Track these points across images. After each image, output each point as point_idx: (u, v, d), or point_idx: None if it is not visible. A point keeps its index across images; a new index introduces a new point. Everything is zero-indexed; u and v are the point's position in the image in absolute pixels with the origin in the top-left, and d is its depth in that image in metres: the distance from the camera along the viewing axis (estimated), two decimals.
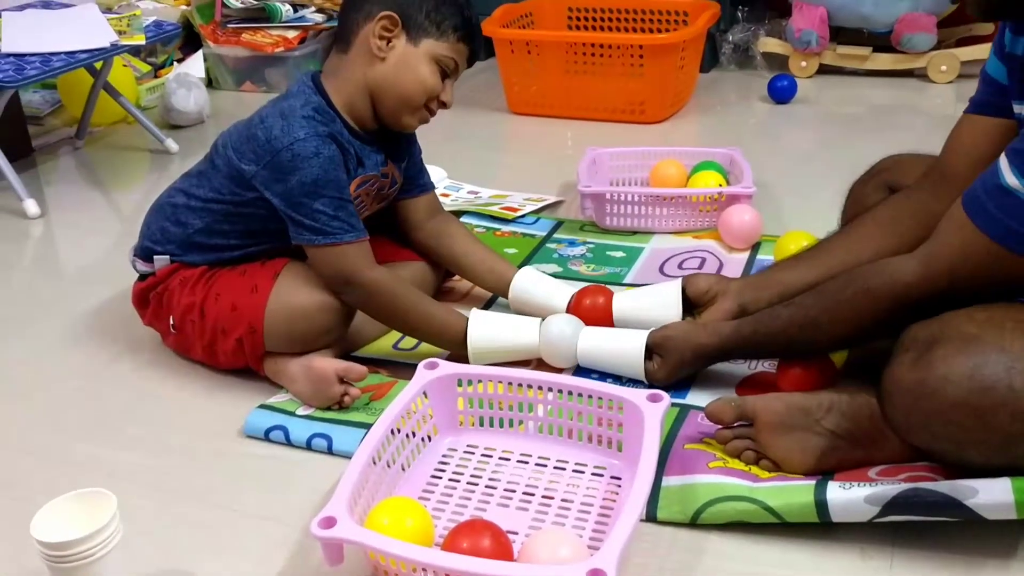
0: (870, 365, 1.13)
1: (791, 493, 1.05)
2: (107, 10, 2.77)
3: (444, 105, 1.38)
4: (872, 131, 2.36)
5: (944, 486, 0.99)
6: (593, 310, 1.41)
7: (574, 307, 1.43)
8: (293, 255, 1.36)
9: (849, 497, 1.01)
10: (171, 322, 1.40)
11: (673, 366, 1.27)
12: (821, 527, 1.03)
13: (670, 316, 1.37)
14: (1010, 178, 0.98)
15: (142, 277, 1.44)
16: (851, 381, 1.20)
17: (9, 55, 1.99)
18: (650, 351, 1.29)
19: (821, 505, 1.02)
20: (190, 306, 1.36)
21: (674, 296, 1.38)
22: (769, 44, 2.78)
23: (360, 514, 1.01)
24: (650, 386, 1.27)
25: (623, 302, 1.41)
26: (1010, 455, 0.96)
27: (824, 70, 2.75)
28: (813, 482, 1.06)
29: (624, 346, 1.30)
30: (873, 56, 2.70)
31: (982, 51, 2.61)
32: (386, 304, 1.33)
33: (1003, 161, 0.99)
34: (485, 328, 1.33)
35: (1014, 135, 1.14)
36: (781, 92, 2.50)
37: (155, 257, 1.40)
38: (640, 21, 2.69)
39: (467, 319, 1.33)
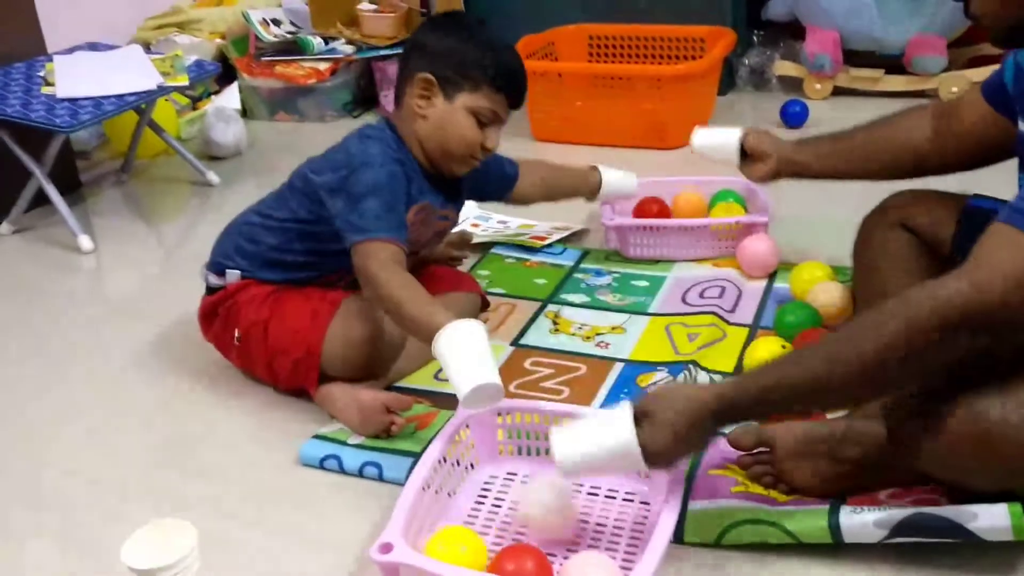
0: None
1: (807, 517, 1.14)
2: (146, 46, 2.91)
3: (488, 151, 1.48)
4: None
5: (947, 511, 1.08)
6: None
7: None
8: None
9: (860, 521, 1.10)
10: (236, 335, 1.51)
11: (663, 425, 1.05)
12: (836, 547, 1.12)
13: (729, 149, 1.69)
14: None
15: (210, 291, 1.55)
16: (864, 410, 1.28)
17: (64, 100, 2.11)
18: (638, 419, 1.08)
19: (834, 528, 1.11)
20: (255, 323, 1.47)
21: (734, 139, 1.68)
22: (784, 67, 2.87)
23: (413, 539, 1.11)
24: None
25: (700, 136, 1.76)
26: (1011, 484, 1.05)
27: (838, 92, 2.84)
28: (827, 506, 1.15)
29: (607, 430, 1.08)
30: (885, 78, 2.79)
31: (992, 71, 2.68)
32: (387, 302, 1.32)
33: None
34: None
35: (1003, 132, 1.31)
36: (794, 117, 2.59)
37: (227, 271, 1.52)
38: (659, 48, 2.79)
39: (440, 327, 1.24)
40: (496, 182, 1.71)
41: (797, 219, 2.04)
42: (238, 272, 1.51)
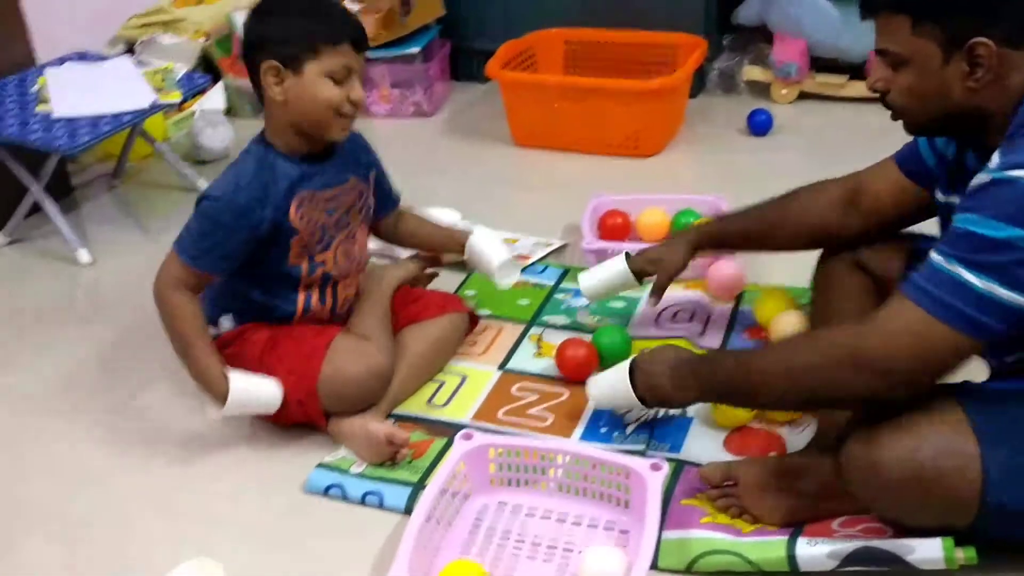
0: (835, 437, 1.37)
1: (767, 548, 1.29)
2: (130, 45, 2.95)
3: (355, 103, 1.53)
4: (852, 161, 2.51)
5: (890, 544, 1.23)
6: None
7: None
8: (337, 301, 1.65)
9: (815, 553, 1.25)
10: None
11: (650, 375, 1.39)
12: (793, 575, 1.27)
13: (620, 280, 1.74)
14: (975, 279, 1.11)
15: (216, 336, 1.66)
16: (819, 447, 1.42)
17: (61, 119, 2.18)
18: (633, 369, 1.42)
19: (792, 559, 1.26)
20: (257, 371, 1.57)
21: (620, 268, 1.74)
22: (752, 72, 2.98)
23: (418, 571, 1.24)
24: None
25: (586, 280, 1.78)
26: (939, 520, 1.21)
27: (803, 96, 2.95)
28: (786, 537, 1.30)
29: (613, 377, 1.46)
30: (849, 84, 2.91)
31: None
32: (167, 325, 1.56)
33: (963, 270, 1.11)
34: (241, 394, 1.50)
35: (917, 200, 1.44)
36: (759, 126, 2.71)
37: (220, 320, 1.63)
38: (634, 54, 2.88)
39: (225, 379, 1.50)
40: (382, 196, 1.75)
41: None
42: (229, 318, 1.63)
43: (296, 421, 1.60)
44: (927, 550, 1.21)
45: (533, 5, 3.02)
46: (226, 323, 1.64)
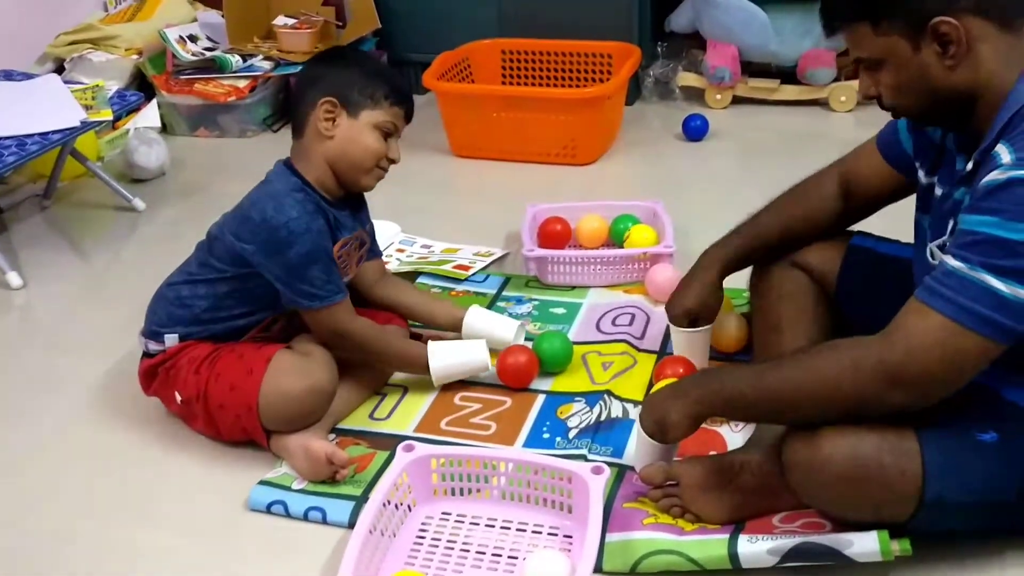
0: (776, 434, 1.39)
1: (709, 547, 1.30)
2: (59, 65, 2.90)
3: (393, 161, 1.62)
4: (785, 164, 2.56)
5: (828, 539, 1.25)
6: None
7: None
8: (290, 320, 1.63)
9: (755, 550, 1.27)
10: (177, 397, 1.60)
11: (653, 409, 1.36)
12: (736, 572, 1.28)
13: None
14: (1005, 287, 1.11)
15: (149, 355, 1.63)
16: (760, 443, 1.44)
17: None
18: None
19: (733, 557, 1.27)
20: (195, 386, 1.56)
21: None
22: (687, 79, 3.02)
23: None
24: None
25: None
26: (878, 515, 1.23)
27: (737, 101, 3.00)
28: (727, 535, 1.31)
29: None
30: (781, 88, 2.97)
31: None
32: (370, 349, 1.63)
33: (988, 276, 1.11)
34: (442, 359, 1.65)
35: (899, 182, 1.47)
36: (694, 131, 2.76)
37: (165, 336, 1.60)
38: (569, 63, 2.91)
39: (426, 350, 1.64)
40: (371, 245, 1.78)
41: (700, 235, 2.18)
42: (176, 336, 1.60)
43: (236, 438, 1.58)
44: (864, 543, 1.23)
45: (469, 16, 3.04)
46: (170, 340, 1.61)
